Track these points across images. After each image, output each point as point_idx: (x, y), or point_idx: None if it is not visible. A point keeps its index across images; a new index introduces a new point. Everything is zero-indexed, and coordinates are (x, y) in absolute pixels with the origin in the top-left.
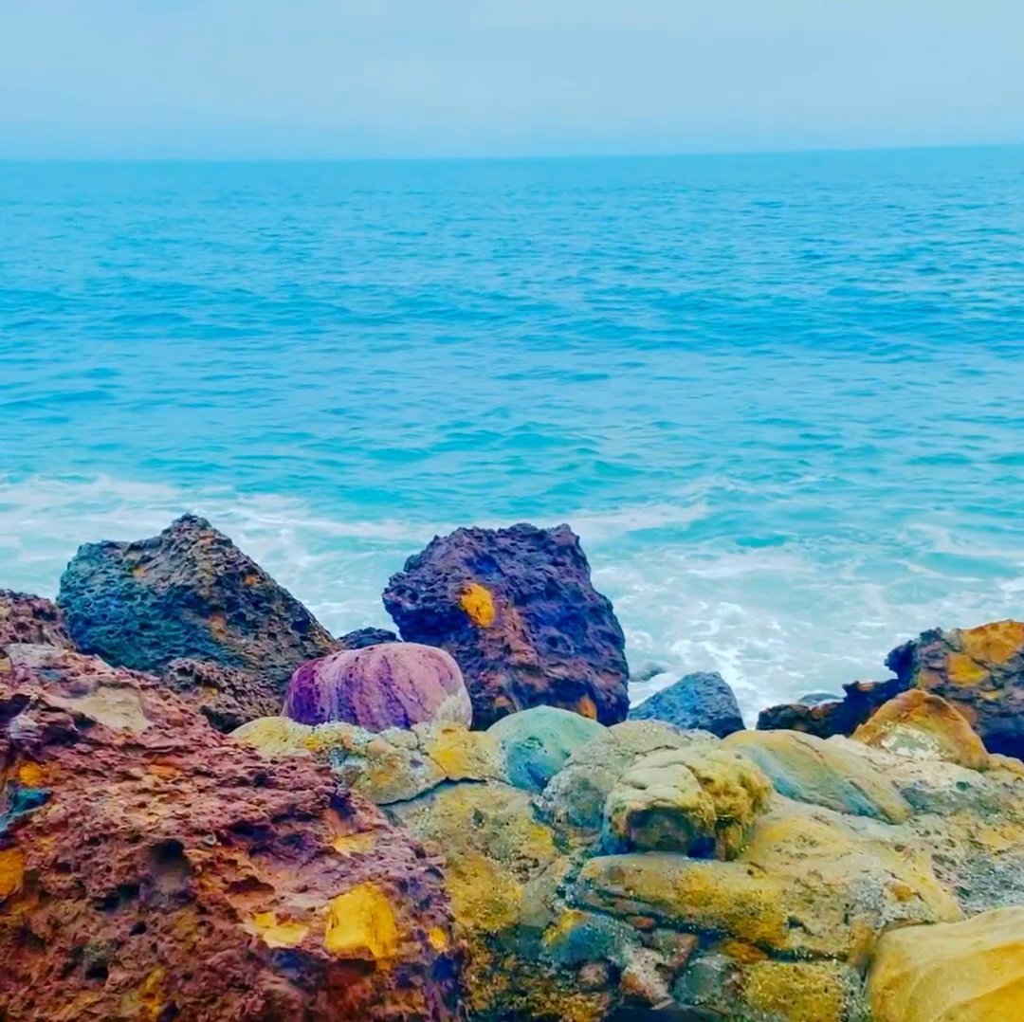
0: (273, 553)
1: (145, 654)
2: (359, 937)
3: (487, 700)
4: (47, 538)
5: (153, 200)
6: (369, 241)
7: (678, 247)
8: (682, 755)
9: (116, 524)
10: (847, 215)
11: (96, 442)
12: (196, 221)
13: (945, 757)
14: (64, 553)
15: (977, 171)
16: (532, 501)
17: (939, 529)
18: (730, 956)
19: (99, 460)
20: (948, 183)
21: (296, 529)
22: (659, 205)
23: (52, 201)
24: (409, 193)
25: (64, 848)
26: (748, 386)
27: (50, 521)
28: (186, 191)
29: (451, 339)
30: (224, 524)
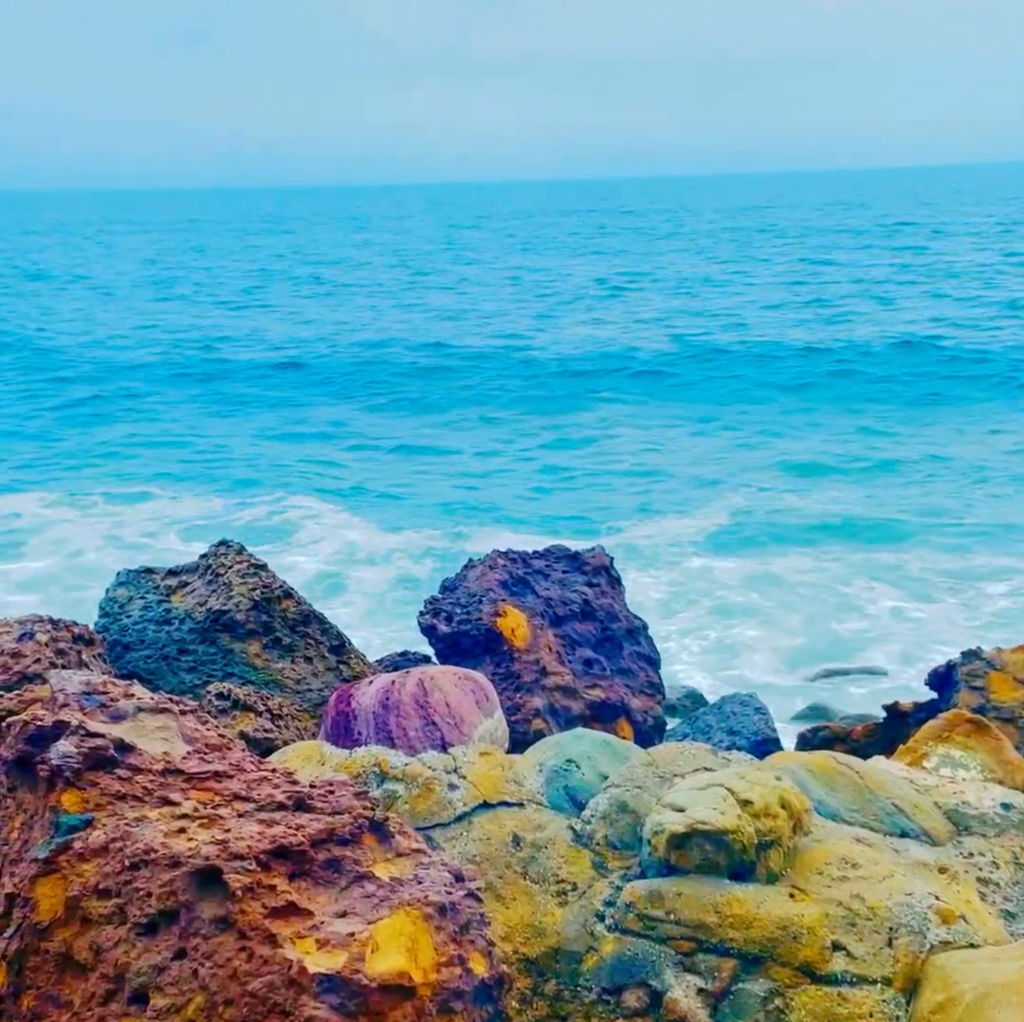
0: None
1: (183, 679)
2: (399, 962)
3: (523, 722)
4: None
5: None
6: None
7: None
8: (721, 777)
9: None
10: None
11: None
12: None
13: (988, 778)
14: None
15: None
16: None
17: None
18: (773, 981)
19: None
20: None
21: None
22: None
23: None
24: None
25: (105, 874)
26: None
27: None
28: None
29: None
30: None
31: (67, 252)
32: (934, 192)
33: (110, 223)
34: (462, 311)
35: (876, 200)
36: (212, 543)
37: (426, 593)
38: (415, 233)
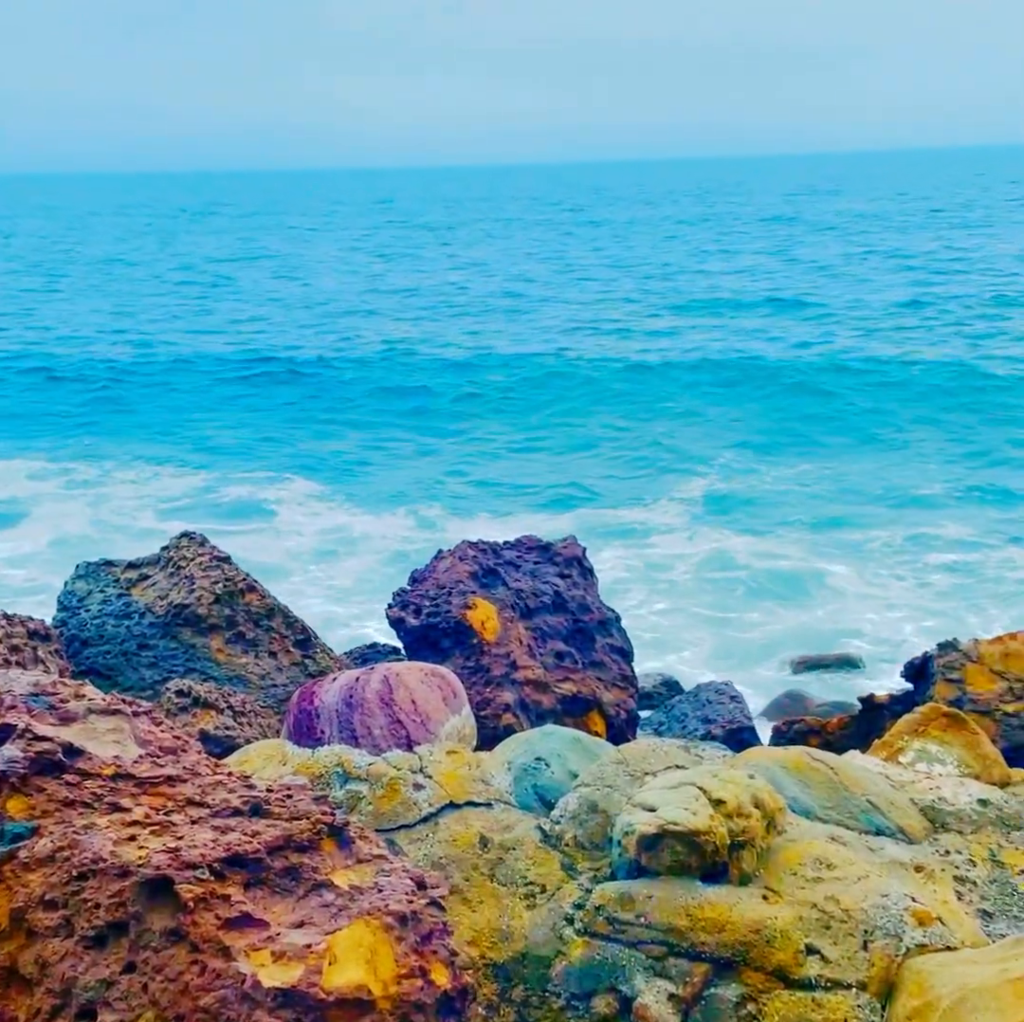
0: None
1: (143, 675)
2: (358, 975)
3: (493, 718)
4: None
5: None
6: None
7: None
8: (693, 775)
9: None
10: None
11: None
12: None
13: (964, 773)
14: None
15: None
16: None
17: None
18: (745, 985)
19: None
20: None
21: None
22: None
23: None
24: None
25: (51, 884)
26: None
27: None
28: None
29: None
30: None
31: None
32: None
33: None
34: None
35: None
36: (174, 535)
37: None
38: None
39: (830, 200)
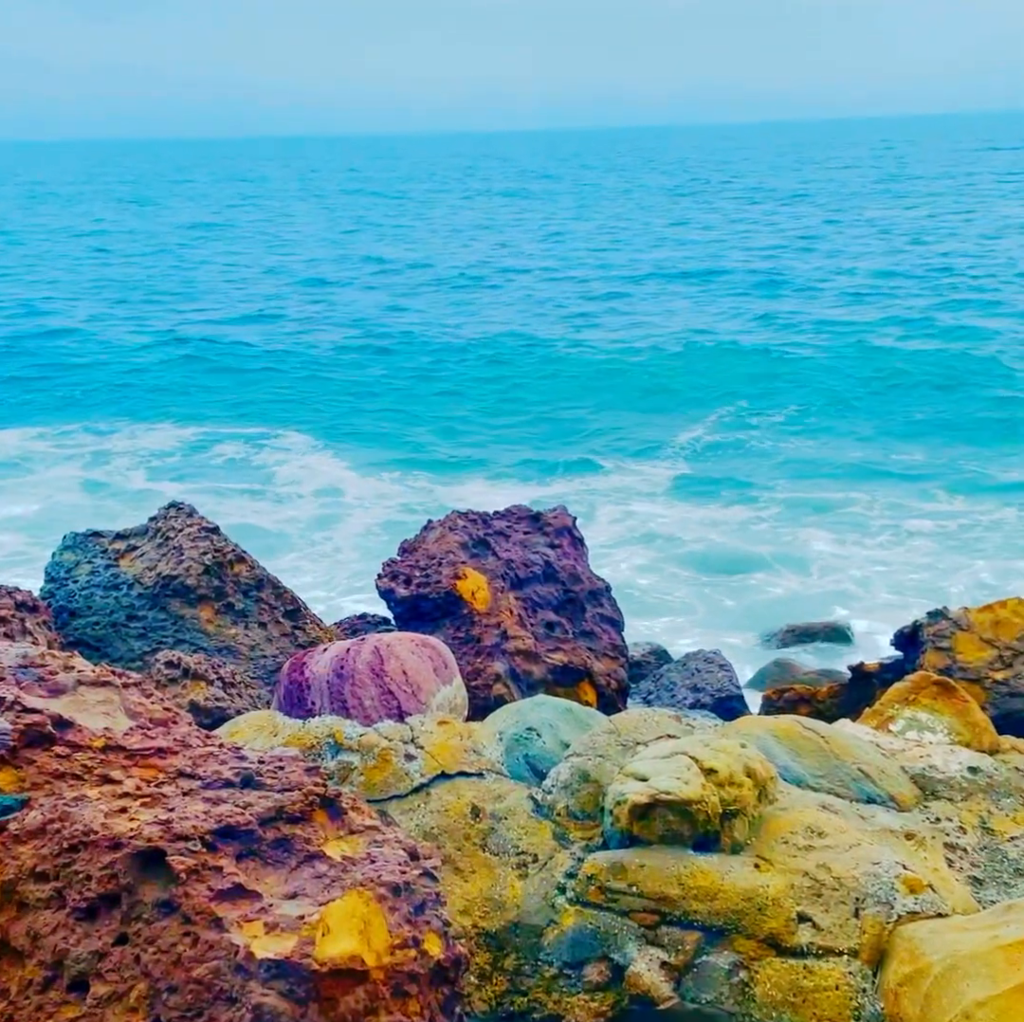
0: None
1: (132, 646)
2: (351, 945)
3: (484, 688)
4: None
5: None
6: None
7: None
8: (685, 745)
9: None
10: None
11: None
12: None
13: (955, 741)
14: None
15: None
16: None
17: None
18: (737, 953)
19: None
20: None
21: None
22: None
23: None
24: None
25: (42, 856)
26: None
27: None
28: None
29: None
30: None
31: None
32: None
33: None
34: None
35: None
36: (162, 506)
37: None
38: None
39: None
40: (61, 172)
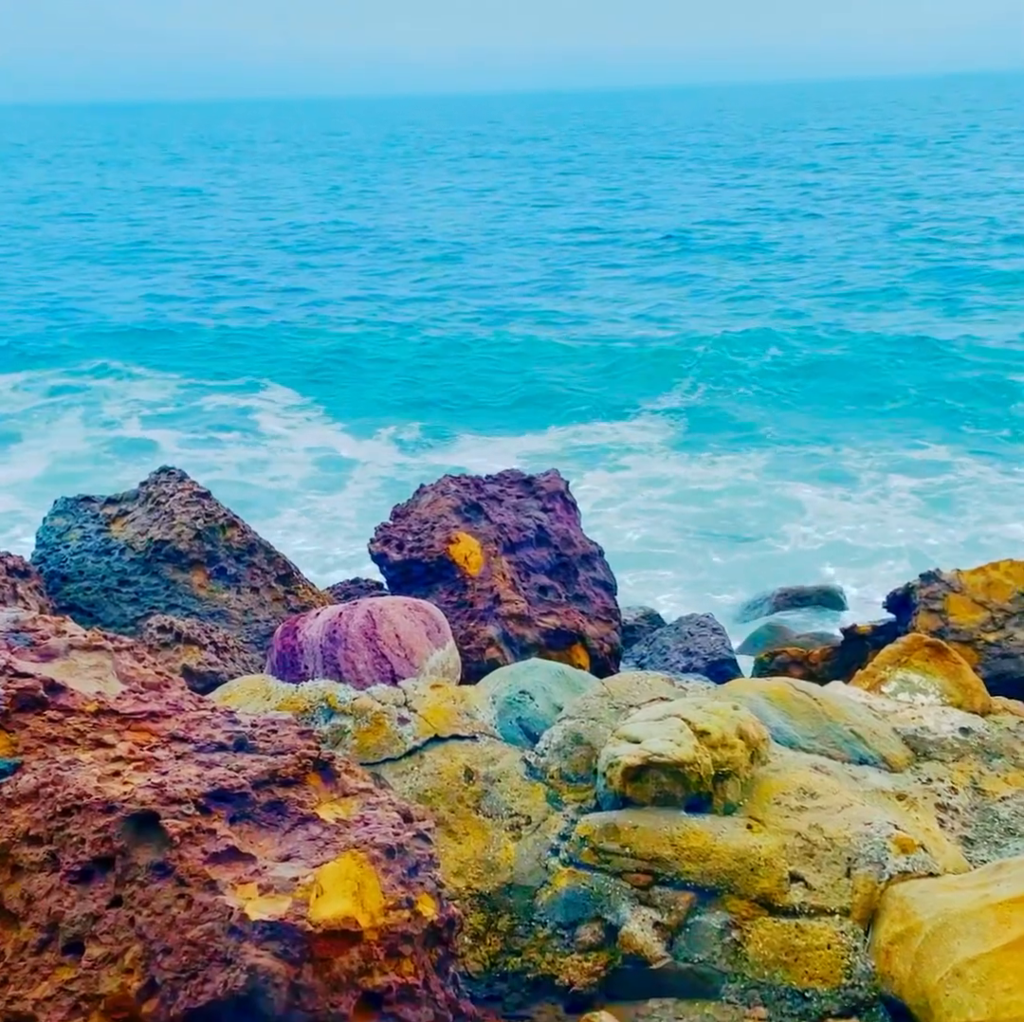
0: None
1: (124, 611)
2: (345, 907)
3: (477, 652)
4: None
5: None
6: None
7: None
8: (677, 707)
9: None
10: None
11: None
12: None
13: (946, 702)
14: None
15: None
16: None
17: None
18: (729, 913)
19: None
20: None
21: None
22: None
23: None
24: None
25: (36, 820)
26: None
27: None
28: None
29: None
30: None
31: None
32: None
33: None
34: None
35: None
36: (153, 471)
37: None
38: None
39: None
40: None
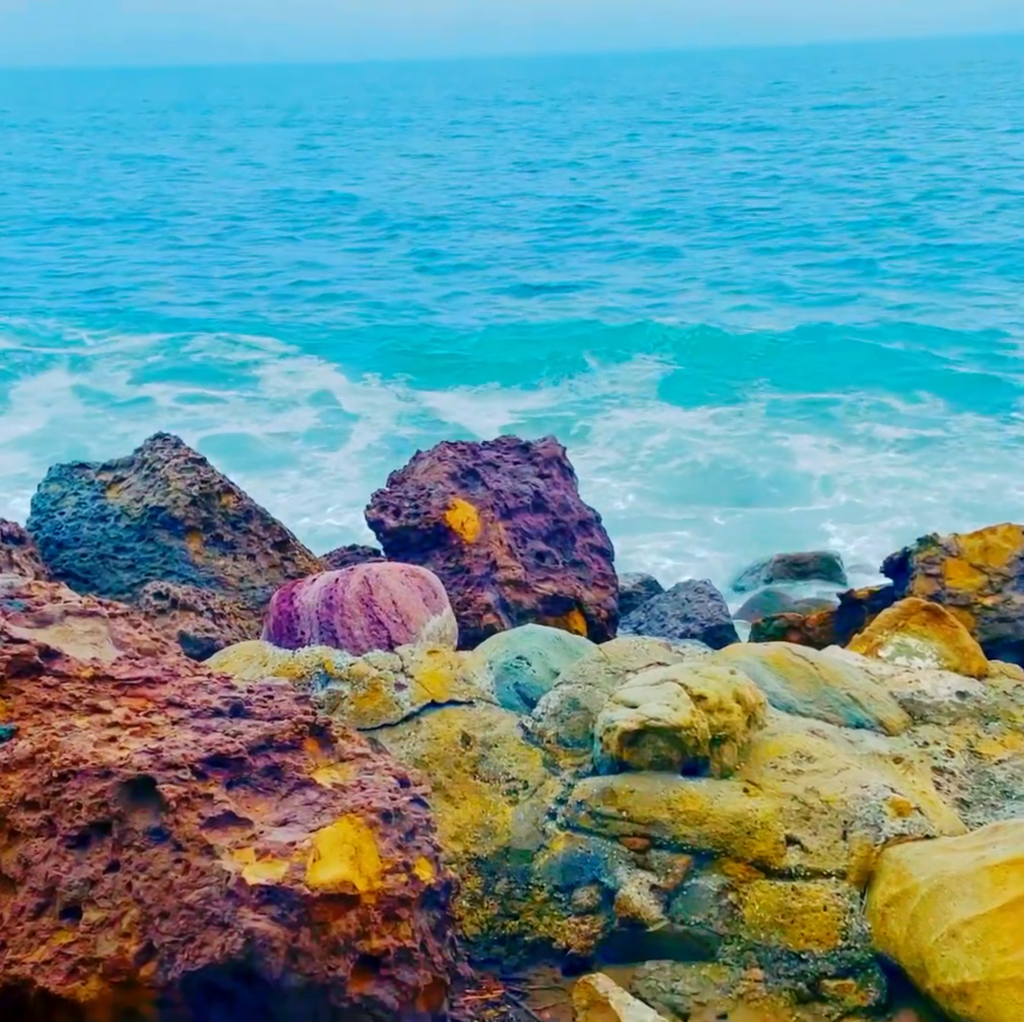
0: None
1: (120, 578)
2: (342, 871)
3: (474, 618)
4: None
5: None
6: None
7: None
8: (674, 672)
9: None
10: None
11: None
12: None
13: (943, 666)
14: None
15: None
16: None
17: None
18: (726, 876)
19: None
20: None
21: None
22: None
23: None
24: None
25: (32, 785)
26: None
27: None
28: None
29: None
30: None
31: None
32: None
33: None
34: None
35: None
36: (148, 437)
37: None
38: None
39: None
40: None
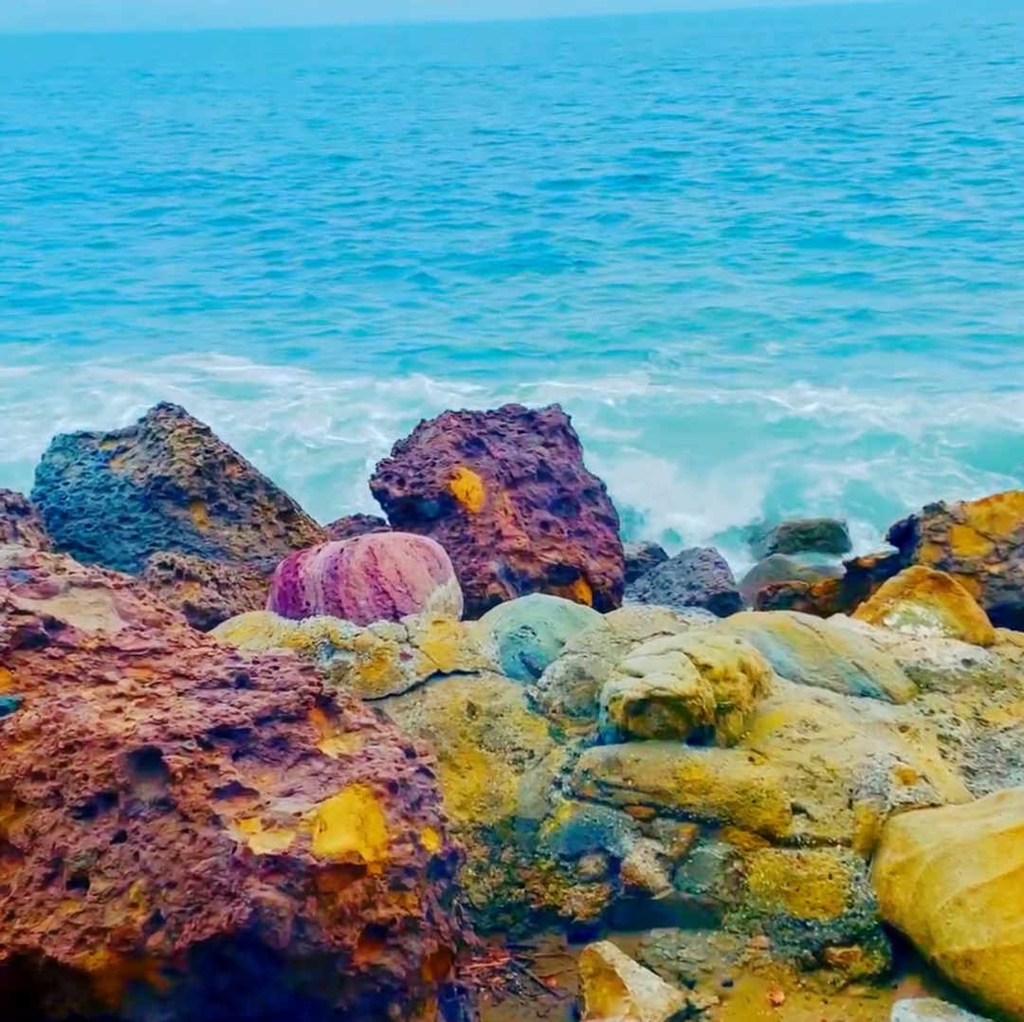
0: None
1: (125, 548)
2: (348, 841)
3: (479, 587)
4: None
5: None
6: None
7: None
8: (680, 641)
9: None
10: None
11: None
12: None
13: (949, 634)
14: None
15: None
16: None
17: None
18: (731, 844)
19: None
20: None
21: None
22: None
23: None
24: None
25: (39, 756)
26: None
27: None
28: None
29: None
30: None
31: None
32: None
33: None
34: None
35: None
36: (152, 407)
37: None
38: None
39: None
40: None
